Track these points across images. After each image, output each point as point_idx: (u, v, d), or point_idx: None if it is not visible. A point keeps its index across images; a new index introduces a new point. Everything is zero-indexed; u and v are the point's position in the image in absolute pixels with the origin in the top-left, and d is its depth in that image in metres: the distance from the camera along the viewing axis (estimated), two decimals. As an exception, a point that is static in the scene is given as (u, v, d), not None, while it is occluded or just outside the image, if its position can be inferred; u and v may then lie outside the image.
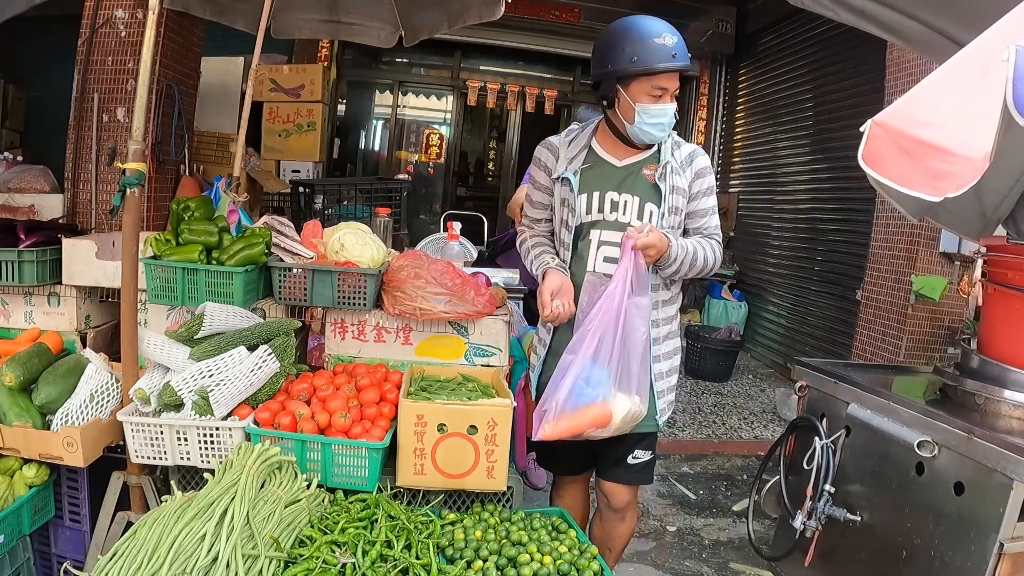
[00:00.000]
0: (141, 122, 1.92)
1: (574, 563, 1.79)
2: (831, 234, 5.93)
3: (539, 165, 2.26)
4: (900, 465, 2.01)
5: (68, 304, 2.49)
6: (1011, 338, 2.06)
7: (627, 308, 1.95)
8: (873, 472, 2.12)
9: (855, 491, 2.17)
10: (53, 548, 2.25)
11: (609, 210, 2.13)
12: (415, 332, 2.32)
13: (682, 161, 2.17)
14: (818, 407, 2.39)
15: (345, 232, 2.38)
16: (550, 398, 1.94)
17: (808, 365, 2.49)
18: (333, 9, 3.82)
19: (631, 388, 1.97)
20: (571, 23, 7.71)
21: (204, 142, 5.32)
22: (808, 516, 2.13)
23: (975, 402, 2.04)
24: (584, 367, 1.93)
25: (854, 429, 2.21)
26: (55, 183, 4.18)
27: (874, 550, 2.08)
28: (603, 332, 1.93)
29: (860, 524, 2.11)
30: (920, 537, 1.91)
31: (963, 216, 2.35)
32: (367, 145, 8.98)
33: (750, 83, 7.75)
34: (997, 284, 2.09)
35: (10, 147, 5.81)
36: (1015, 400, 1.96)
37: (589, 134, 2.23)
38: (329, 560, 1.59)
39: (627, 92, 2.05)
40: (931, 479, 1.92)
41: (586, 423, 1.94)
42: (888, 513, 2.05)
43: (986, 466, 1.73)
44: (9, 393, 2.05)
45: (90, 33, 3.99)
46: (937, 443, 1.89)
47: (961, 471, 1.82)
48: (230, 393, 1.92)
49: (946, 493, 1.85)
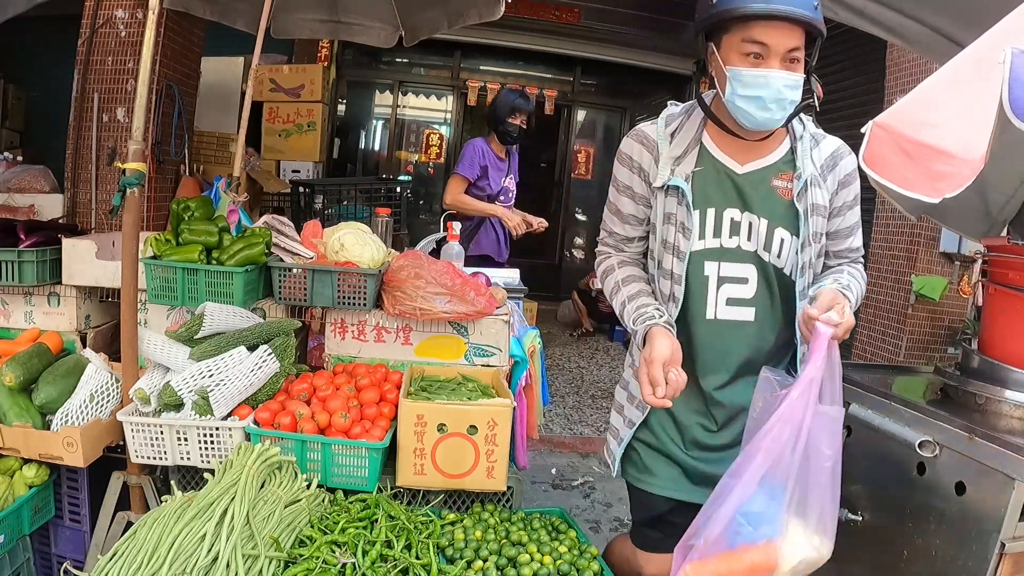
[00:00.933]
0: (141, 122, 1.92)
1: (574, 563, 1.79)
2: (831, 234, 5.93)
3: (630, 165, 1.76)
4: (901, 465, 2.00)
5: (68, 304, 2.48)
6: (1012, 338, 2.05)
7: (812, 422, 1.51)
8: (874, 472, 2.12)
9: (856, 491, 2.15)
10: (53, 548, 2.25)
11: (728, 234, 1.63)
12: (415, 332, 2.32)
13: (822, 165, 1.67)
14: None
15: (345, 232, 2.38)
16: (700, 532, 1.49)
17: None
18: (333, 9, 3.82)
19: (809, 526, 1.53)
20: (571, 23, 7.71)
21: (204, 142, 5.32)
22: None
23: (976, 402, 2.03)
24: (748, 497, 1.48)
25: (855, 429, 2.20)
26: (55, 183, 4.18)
27: (875, 550, 2.08)
28: (779, 453, 1.48)
29: (861, 524, 2.10)
30: (921, 537, 1.91)
31: (967, 216, 2.35)
32: (367, 145, 8.99)
33: (750, 83, 7.73)
34: (998, 284, 2.08)
35: (10, 147, 5.81)
36: (1016, 400, 1.95)
37: (698, 125, 1.67)
38: (329, 560, 1.59)
39: (719, 52, 1.54)
40: (932, 479, 1.91)
41: (744, 569, 1.49)
42: (889, 513, 2.04)
43: (987, 466, 1.73)
44: (9, 393, 2.05)
45: (90, 33, 3.99)
46: (938, 443, 1.88)
47: (962, 471, 1.81)
48: (230, 393, 1.92)
49: (947, 493, 1.84)
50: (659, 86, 8.91)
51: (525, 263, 4.02)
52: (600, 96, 9.14)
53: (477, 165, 3.75)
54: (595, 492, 3.59)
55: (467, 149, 3.80)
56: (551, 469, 3.82)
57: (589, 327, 7.13)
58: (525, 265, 3.79)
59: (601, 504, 3.47)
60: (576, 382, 5.56)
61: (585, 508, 3.42)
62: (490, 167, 3.79)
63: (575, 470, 3.84)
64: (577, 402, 5.05)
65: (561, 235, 9.04)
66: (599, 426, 4.60)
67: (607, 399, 5.20)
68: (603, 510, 3.41)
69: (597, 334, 7.16)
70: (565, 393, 5.24)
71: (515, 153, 4.08)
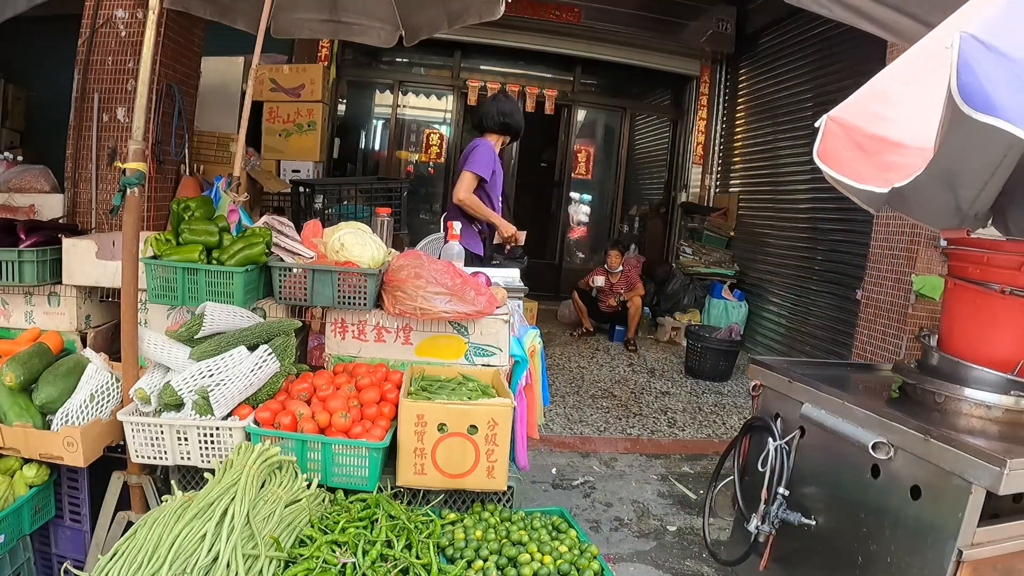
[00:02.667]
0: (141, 122, 1.93)
1: (574, 563, 1.80)
2: (831, 234, 5.93)
3: None
4: (855, 467, 1.93)
5: (68, 304, 2.48)
6: (972, 334, 1.99)
7: None
8: (828, 474, 2.04)
9: (810, 494, 2.08)
10: (53, 548, 2.25)
11: None
12: (415, 332, 2.32)
13: None
14: (773, 407, 2.29)
15: (345, 232, 2.38)
16: None
17: (762, 363, 2.39)
18: (333, 9, 3.82)
19: None
20: (571, 23, 7.72)
21: (204, 142, 5.32)
22: (762, 520, 2.06)
23: (935, 401, 1.97)
24: None
25: (808, 430, 2.12)
26: (55, 183, 4.18)
27: (830, 555, 1.99)
28: None
29: (815, 528, 2.03)
30: (876, 543, 1.84)
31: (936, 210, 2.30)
32: (367, 145, 8.98)
33: (750, 83, 7.74)
34: (957, 279, 2.03)
35: (10, 147, 5.81)
36: (976, 399, 1.88)
37: None
38: (329, 560, 1.59)
39: None
40: (887, 482, 1.84)
41: None
42: (844, 517, 1.97)
43: (943, 469, 1.66)
44: (9, 393, 2.05)
45: (90, 33, 3.99)
46: (893, 445, 1.81)
47: (917, 474, 1.74)
48: (230, 393, 1.92)
49: (902, 497, 1.77)
50: (659, 86, 8.92)
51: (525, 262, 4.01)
52: (600, 96, 9.14)
53: (491, 166, 3.77)
54: (595, 492, 3.59)
55: (482, 149, 3.77)
56: (551, 469, 3.82)
57: (589, 327, 7.13)
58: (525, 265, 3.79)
59: (601, 504, 3.47)
60: (576, 382, 5.57)
61: (585, 508, 3.42)
62: (497, 169, 3.82)
63: (575, 470, 3.84)
64: (577, 402, 5.05)
65: (561, 235, 9.05)
66: (599, 426, 4.60)
67: (607, 399, 5.20)
68: (603, 510, 3.41)
69: (597, 334, 7.16)
70: (565, 393, 5.24)
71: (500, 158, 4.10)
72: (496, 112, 3.83)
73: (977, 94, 1.31)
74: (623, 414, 4.89)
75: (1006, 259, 1.93)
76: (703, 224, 7.80)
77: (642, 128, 9.43)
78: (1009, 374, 1.88)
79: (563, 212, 9.05)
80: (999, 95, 1.30)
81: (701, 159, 8.31)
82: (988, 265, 1.95)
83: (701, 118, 8.26)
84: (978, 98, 1.31)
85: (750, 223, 7.49)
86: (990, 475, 1.55)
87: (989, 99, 1.30)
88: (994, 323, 1.94)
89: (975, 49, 1.33)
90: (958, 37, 1.34)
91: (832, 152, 1.79)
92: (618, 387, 5.53)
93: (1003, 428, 1.83)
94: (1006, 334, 1.93)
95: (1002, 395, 1.85)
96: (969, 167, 2.37)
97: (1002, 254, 1.94)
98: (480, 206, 3.72)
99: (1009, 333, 1.93)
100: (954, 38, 1.34)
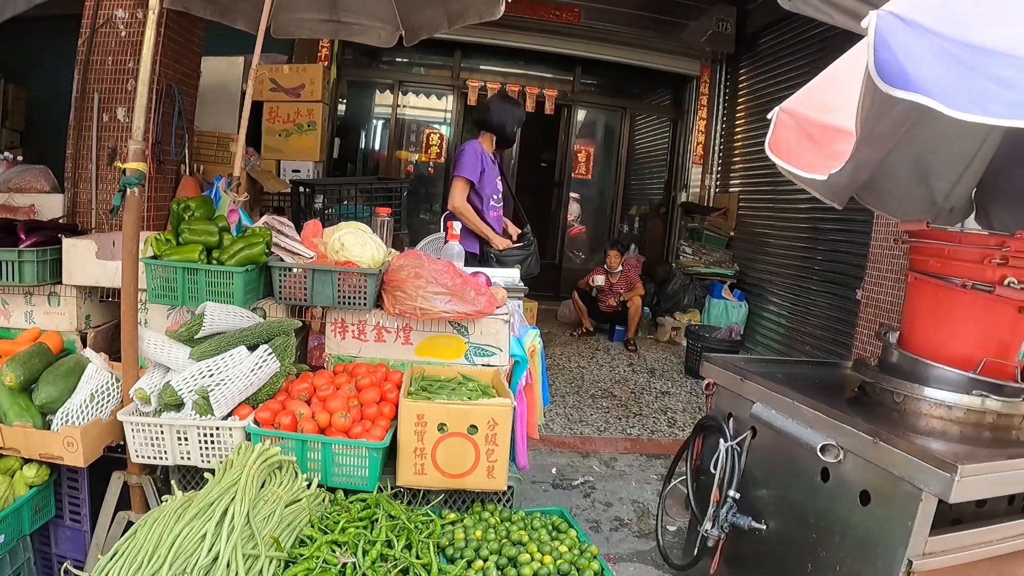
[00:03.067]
0: (141, 122, 1.93)
1: (574, 563, 1.79)
2: (831, 233, 5.93)
3: None
4: (805, 470, 1.82)
5: (68, 304, 2.48)
6: (933, 330, 1.88)
7: None
8: (779, 477, 1.94)
9: (762, 497, 1.98)
10: (53, 548, 2.24)
11: None
12: (415, 332, 2.32)
13: None
14: (725, 406, 2.19)
15: (345, 232, 2.38)
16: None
17: (715, 361, 2.28)
18: (333, 9, 3.82)
19: None
20: (571, 23, 7.71)
21: (204, 142, 5.32)
22: (712, 523, 1.97)
23: (894, 401, 1.86)
24: None
25: (760, 430, 2.02)
26: (55, 183, 4.18)
27: (780, 561, 1.90)
28: None
29: (766, 533, 1.93)
30: (825, 550, 1.74)
31: (909, 203, 2.25)
32: (367, 145, 8.98)
33: (750, 82, 7.74)
34: (918, 272, 1.92)
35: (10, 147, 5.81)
36: (936, 398, 1.77)
37: None
38: (329, 560, 1.59)
39: None
40: (836, 487, 1.73)
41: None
42: (794, 522, 1.86)
43: (892, 474, 1.56)
44: (9, 393, 2.05)
45: (90, 33, 3.98)
46: (842, 447, 1.71)
47: (867, 479, 1.64)
48: (230, 393, 1.92)
49: (852, 503, 1.67)
50: (659, 86, 8.92)
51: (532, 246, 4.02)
52: (600, 96, 9.13)
53: (478, 167, 3.78)
54: (595, 492, 3.59)
55: (467, 151, 3.82)
56: (551, 469, 3.82)
57: (589, 327, 7.13)
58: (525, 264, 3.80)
59: (601, 504, 3.47)
60: (576, 382, 5.56)
61: (585, 508, 3.41)
62: (487, 169, 3.82)
63: (575, 470, 3.84)
64: (577, 402, 5.05)
65: (561, 235, 9.04)
66: (599, 426, 4.60)
67: (607, 399, 5.20)
68: (603, 510, 3.41)
69: (597, 334, 7.16)
70: (565, 393, 5.24)
71: (498, 156, 4.10)
72: (490, 113, 3.87)
73: (894, 70, 1.26)
74: (623, 414, 4.89)
75: (968, 252, 1.81)
76: (703, 224, 7.80)
77: (642, 128, 9.42)
78: (971, 372, 1.78)
79: (563, 212, 9.04)
80: (918, 69, 1.25)
81: (701, 159, 8.31)
82: (949, 258, 1.84)
83: (701, 118, 8.26)
84: (896, 74, 1.26)
85: (750, 223, 7.49)
86: (941, 481, 1.45)
87: (906, 74, 1.25)
88: (955, 319, 1.84)
89: (893, 25, 1.29)
90: (875, 16, 1.31)
91: (783, 143, 1.76)
92: (618, 387, 5.53)
93: (964, 430, 1.74)
94: (968, 331, 1.83)
95: (963, 395, 1.75)
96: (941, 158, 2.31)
97: (964, 247, 1.83)
98: (472, 217, 3.75)
99: (971, 329, 1.82)
100: (871, 17, 1.31)
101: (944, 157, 2.33)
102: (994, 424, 1.74)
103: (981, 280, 1.77)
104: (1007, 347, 1.80)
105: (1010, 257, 1.75)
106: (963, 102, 1.22)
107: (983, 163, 2.34)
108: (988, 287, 1.75)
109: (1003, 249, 1.75)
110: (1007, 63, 1.25)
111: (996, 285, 1.74)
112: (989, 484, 1.51)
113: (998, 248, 1.76)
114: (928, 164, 2.37)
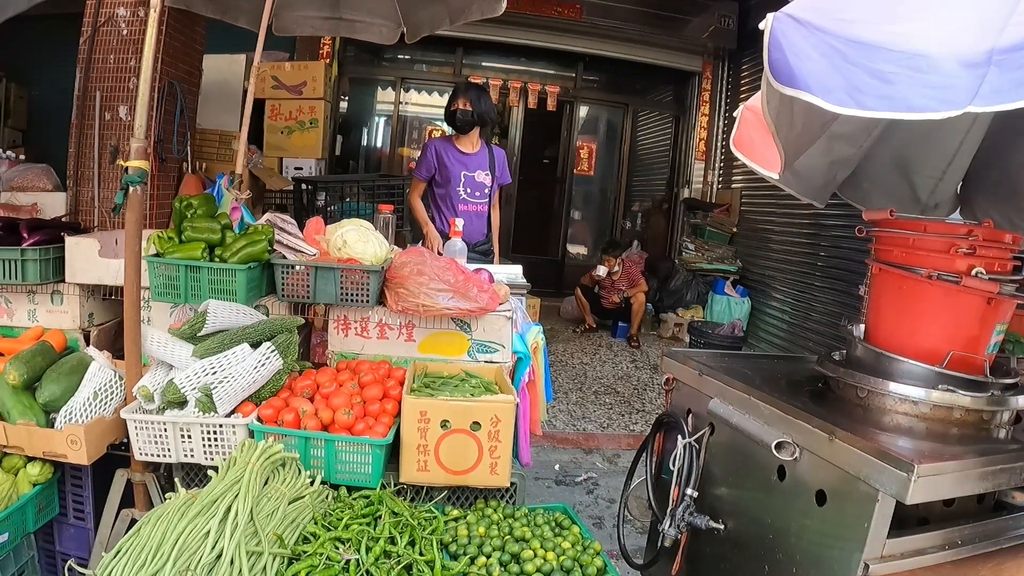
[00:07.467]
0: (143, 120, 1.93)
1: (577, 559, 1.80)
2: (834, 230, 5.91)
3: None
4: (762, 469, 1.76)
5: (71, 302, 2.49)
6: (898, 323, 1.80)
7: None
8: (737, 476, 1.88)
9: (720, 496, 1.92)
10: (57, 546, 2.25)
11: None
12: (418, 329, 2.32)
13: None
14: (684, 402, 2.13)
15: (348, 229, 2.38)
16: None
17: (674, 355, 2.23)
18: (335, 6, 3.81)
19: None
20: (573, 19, 7.69)
21: (206, 140, 5.32)
22: (670, 522, 1.93)
23: (858, 396, 1.78)
24: None
25: (717, 427, 1.95)
26: (57, 181, 4.18)
27: (739, 562, 1.85)
28: None
29: (725, 533, 1.88)
30: (782, 551, 1.68)
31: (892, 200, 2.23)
32: (369, 142, 8.98)
33: (753, 78, 7.71)
34: (883, 263, 1.83)
35: (12, 146, 5.82)
36: (900, 393, 1.69)
37: None
38: (333, 556, 1.59)
39: None
40: (792, 486, 1.67)
41: None
42: (751, 522, 1.80)
43: (849, 473, 1.50)
44: (13, 391, 2.06)
45: (92, 31, 3.98)
46: (798, 445, 1.64)
47: (823, 478, 1.58)
48: (233, 390, 1.92)
49: (808, 503, 1.61)
50: (662, 82, 8.89)
51: (527, 259, 4.02)
52: (602, 92, 9.11)
53: (430, 165, 3.92)
54: (598, 488, 3.59)
55: (422, 150, 3.98)
56: (554, 465, 3.82)
57: (592, 323, 7.12)
58: (527, 261, 3.79)
59: (604, 500, 3.47)
60: (579, 378, 5.56)
61: (588, 504, 3.42)
62: (447, 161, 3.88)
63: (578, 466, 3.84)
64: (580, 398, 5.05)
65: (564, 231, 9.03)
66: (602, 422, 4.60)
67: (610, 395, 5.20)
68: (606, 506, 3.41)
69: (600, 330, 7.15)
70: (568, 389, 5.24)
71: (498, 150, 4.05)
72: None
73: (783, 69, 1.34)
74: (626, 410, 4.88)
75: (934, 242, 1.73)
76: (706, 220, 7.78)
77: (644, 124, 9.40)
78: (937, 366, 1.69)
79: (565, 208, 9.04)
80: (804, 67, 1.32)
81: (704, 155, 8.29)
82: (914, 248, 1.75)
83: (703, 114, 8.23)
84: (784, 72, 1.34)
85: (753, 219, 7.47)
86: (897, 481, 1.38)
87: (792, 72, 1.33)
88: (921, 311, 1.76)
89: (786, 26, 1.37)
90: (771, 17, 1.38)
91: (746, 140, 1.76)
92: (621, 383, 5.52)
93: (931, 426, 1.67)
94: (934, 323, 1.75)
95: (929, 389, 1.67)
96: (922, 153, 2.29)
97: (930, 236, 1.74)
98: (418, 213, 3.95)
99: (937, 322, 1.74)
100: (768, 19, 1.39)
101: (925, 152, 2.30)
102: (961, 420, 1.67)
103: (948, 270, 1.68)
104: (976, 340, 1.72)
105: (978, 247, 1.67)
106: (840, 96, 1.30)
107: (967, 157, 2.30)
108: (955, 278, 1.65)
109: (970, 238, 1.68)
110: (889, 58, 1.31)
111: (963, 276, 1.65)
112: (949, 484, 1.44)
113: (965, 237, 1.68)
114: (909, 159, 2.34)
